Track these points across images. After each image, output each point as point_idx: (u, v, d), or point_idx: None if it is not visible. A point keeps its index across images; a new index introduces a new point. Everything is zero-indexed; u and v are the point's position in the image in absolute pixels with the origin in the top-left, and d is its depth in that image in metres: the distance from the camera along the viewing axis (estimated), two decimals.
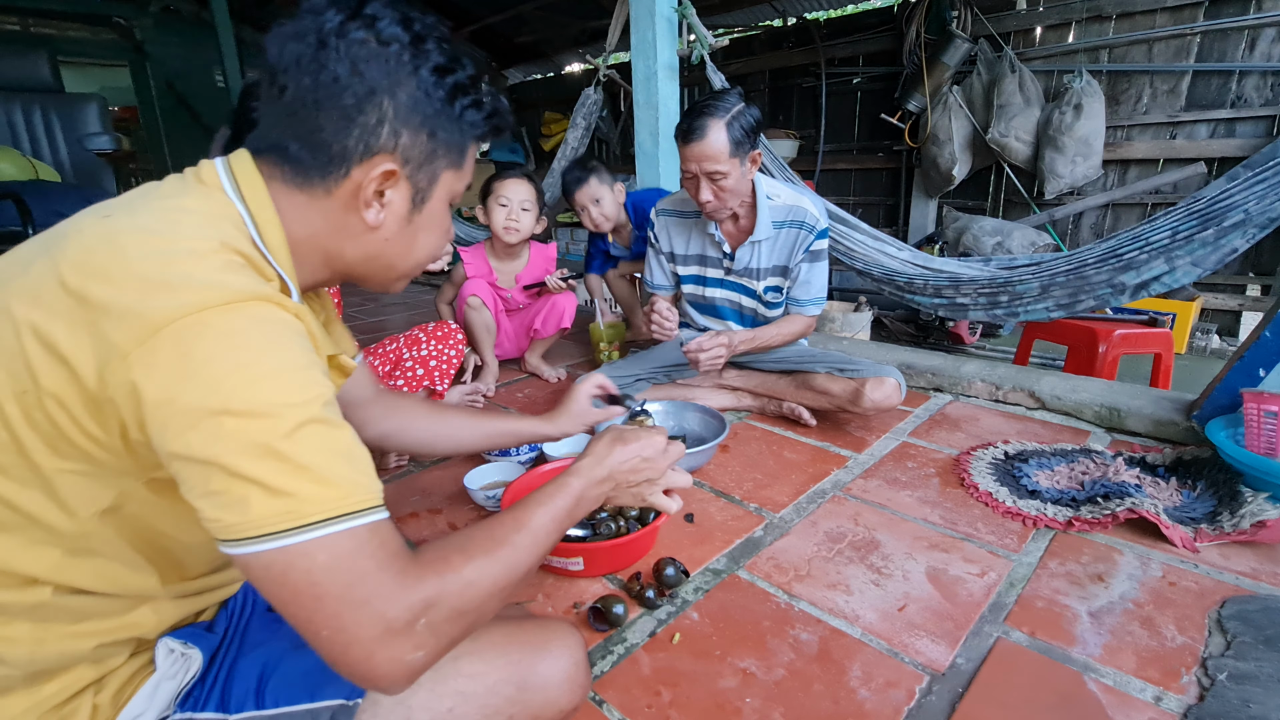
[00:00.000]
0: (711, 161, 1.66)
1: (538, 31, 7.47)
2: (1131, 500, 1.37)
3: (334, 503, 0.52)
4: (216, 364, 0.51)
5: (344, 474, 0.54)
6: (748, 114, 1.67)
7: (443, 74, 0.66)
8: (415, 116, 0.65)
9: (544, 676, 0.72)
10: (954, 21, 4.61)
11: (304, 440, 0.52)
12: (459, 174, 0.72)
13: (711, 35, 2.57)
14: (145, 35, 6.71)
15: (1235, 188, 1.80)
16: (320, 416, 0.54)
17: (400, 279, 0.75)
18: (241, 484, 0.50)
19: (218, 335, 0.51)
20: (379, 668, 0.53)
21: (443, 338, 1.98)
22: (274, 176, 0.65)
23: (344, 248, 0.69)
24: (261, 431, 0.51)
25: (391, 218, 0.68)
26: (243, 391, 0.51)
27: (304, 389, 0.54)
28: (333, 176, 0.64)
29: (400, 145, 0.65)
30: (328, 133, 0.63)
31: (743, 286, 1.96)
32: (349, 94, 0.62)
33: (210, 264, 0.55)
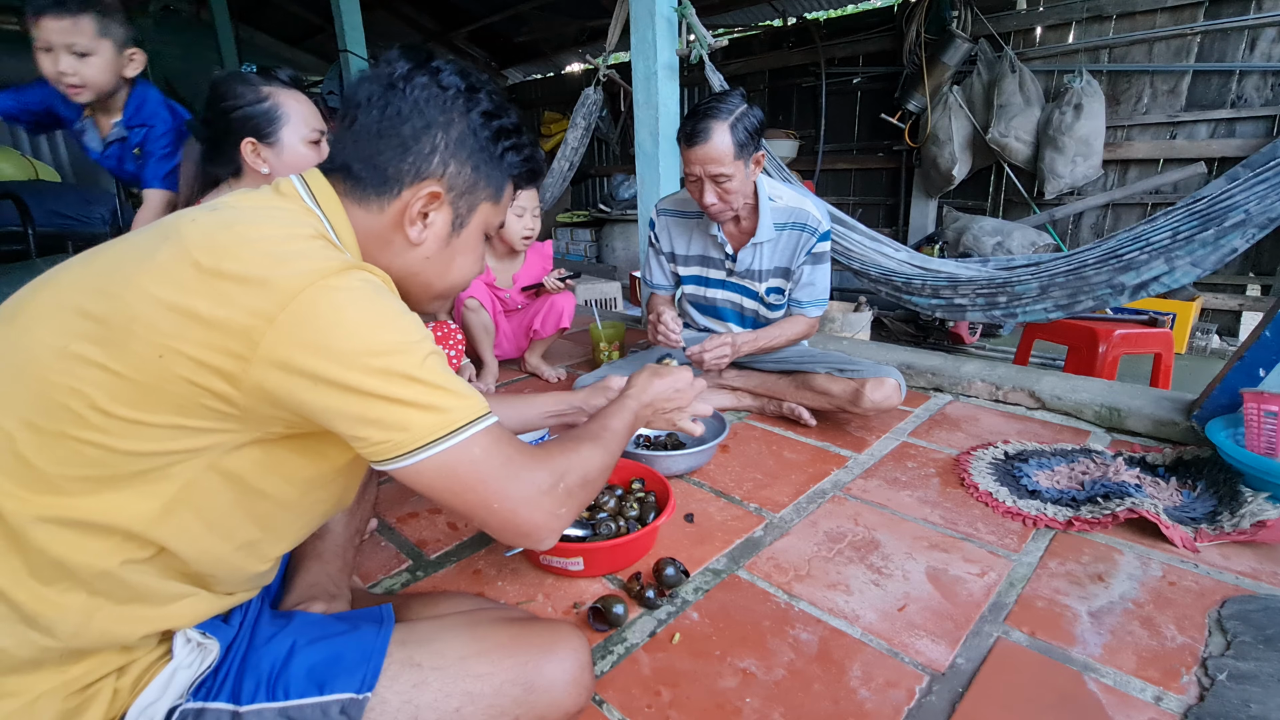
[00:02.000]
0: (716, 164, 1.66)
1: (537, 31, 7.47)
2: (1131, 500, 1.37)
3: (470, 410, 0.67)
4: (351, 318, 0.62)
5: (466, 388, 0.68)
6: (751, 115, 1.67)
7: (490, 118, 0.77)
8: (463, 150, 0.76)
9: (550, 678, 0.74)
10: (954, 21, 4.61)
11: (433, 366, 0.65)
12: (496, 208, 0.82)
13: (711, 35, 2.56)
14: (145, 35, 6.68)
15: (1235, 188, 1.80)
16: (434, 348, 0.67)
17: (437, 299, 0.84)
18: (399, 407, 0.62)
19: (345, 295, 0.62)
20: (540, 520, 0.70)
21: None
22: (341, 192, 0.75)
23: (391, 261, 0.77)
24: (403, 364, 0.63)
25: (432, 237, 0.77)
26: (379, 335, 0.63)
27: (417, 328, 0.67)
28: (387, 195, 0.74)
29: (448, 173, 0.75)
30: (386, 157, 0.73)
31: (744, 288, 1.96)
32: (408, 126, 0.73)
33: (315, 244, 0.66)
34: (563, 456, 0.76)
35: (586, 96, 3.66)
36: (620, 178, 6.75)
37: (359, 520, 1.07)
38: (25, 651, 0.59)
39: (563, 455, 0.76)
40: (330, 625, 0.77)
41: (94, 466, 0.59)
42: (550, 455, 0.75)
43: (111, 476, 0.59)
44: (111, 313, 0.59)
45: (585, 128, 3.76)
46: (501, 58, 8.49)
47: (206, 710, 0.66)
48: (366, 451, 0.64)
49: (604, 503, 1.36)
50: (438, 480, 0.65)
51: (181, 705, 0.66)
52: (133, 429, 0.59)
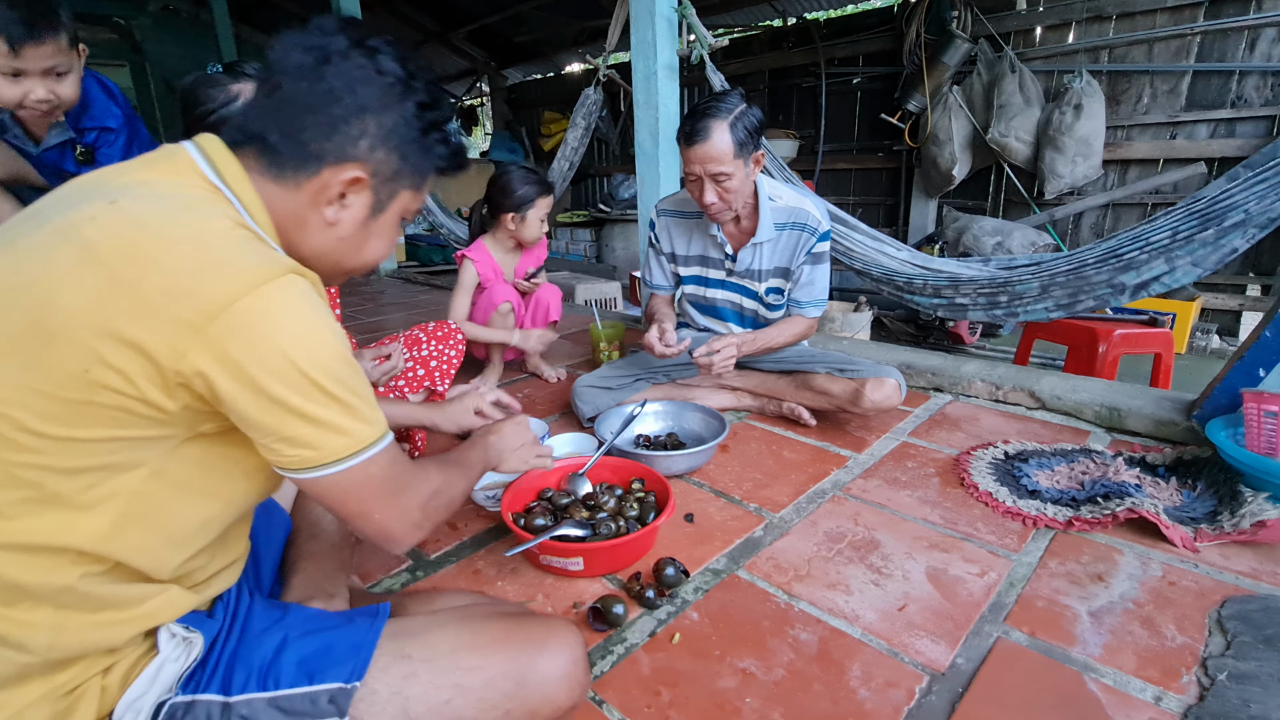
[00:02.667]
0: (715, 163, 1.65)
1: (537, 31, 7.47)
2: (1131, 500, 1.37)
3: (372, 433, 0.69)
4: (284, 332, 0.61)
5: (374, 409, 0.70)
6: (750, 115, 1.67)
7: (424, 109, 0.75)
8: (393, 139, 0.73)
9: (542, 673, 0.73)
10: (954, 21, 4.61)
11: (351, 384, 0.66)
12: (415, 195, 0.81)
13: (711, 35, 2.56)
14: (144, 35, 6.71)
15: (1235, 188, 1.80)
16: (352, 367, 0.67)
17: (342, 275, 0.83)
18: (313, 427, 0.64)
19: (278, 307, 0.61)
20: (405, 533, 0.76)
21: (443, 338, 1.98)
22: (249, 164, 0.71)
23: (303, 239, 0.75)
24: (326, 382, 0.64)
25: (349, 219, 0.75)
26: (308, 351, 0.62)
27: (340, 344, 0.66)
28: (305, 172, 0.71)
29: (374, 159, 0.73)
30: (310, 133, 0.70)
31: (744, 288, 1.96)
32: (340, 106, 0.70)
33: (240, 243, 0.63)
34: (438, 477, 0.83)
35: (586, 96, 3.66)
36: (620, 178, 6.75)
37: None
38: (6, 669, 0.59)
39: (438, 475, 0.83)
40: (325, 619, 0.77)
41: (32, 489, 0.58)
42: (428, 475, 0.80)
43: (53, 496, 0.58)
44: (26, 330, 0.56)
45: (585, 128, 3.76)
46: (501, 58, 8.50)
47: (197, 702, 0.67)
48: (272, 459, 0.65)
49: (604, 503, 1.36)
50: (330, 491, 0.68)
51: (171, 699, 0.66)
52: (67, 446, 0.58)
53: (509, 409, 1.31)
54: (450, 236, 4.63)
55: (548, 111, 8.16)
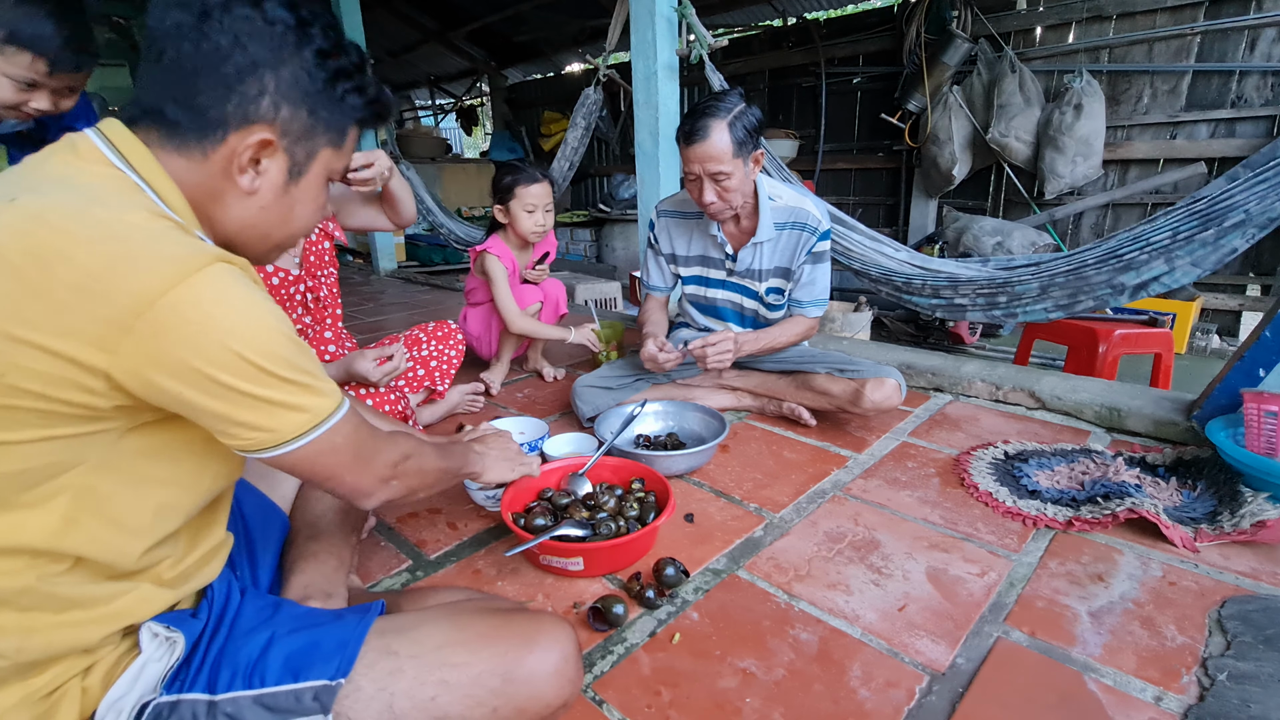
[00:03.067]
0: (715, 162, 1.66)
1: (537, 31, 7.47)
2: (1131, 500, 1.37)
3: (328, 404, 0.68)
4: (217, 320, 0.59)
5: (326, 381, 0.69)
6: (749, 114, 1.67)
7: (325, 57, 0.70)
8: (296, 93, 0.69)
9: (530, 670, 0.71)
10: (954, 21, 4.61)
11: (299, 363, 0.65)
12: (338, 153, 0.77)
13: (711, 35, 2.56)
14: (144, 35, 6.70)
15: (1235, 188, 1.80)
16: (297, 344, 0.66)
17: (276, 248, 0.79)
18: (267, 407, 0.63)
19: (210, 297, 0.58)
20: (375, 490, 0.78)
21: (443, 338, 1.98)
22: (152, 142, 0.67)
23: (224, 213, 0.71)
24: (270, 363, 0.62)
25: (268, 186, 0.71)
26: (247, 335, 0.60)
27: (282, 324, 0.64)
28: (209, 140, 0.67)
29: (280, 118, 0.69)
30: (205, 98, 0.65)
31: (744, 288, 1.96)
32: (230, 64, 0.65)
33: (159, 234, 0.60)
34: (408, 444, 0.84)
35: (586, 96, 3.66)
36: (620, 178, 6.75)
37: (354, 518, 1.07)
38: None
39: (408, 443, 0.84)
40: (314, 616, 0.77)
41: None
42: (396, 441, 0.81)
43: None
44: None
45: (585, 128, 3.76)
46: (501, 58, 8.50)
47: (182, 701, 0.66)
48: (231, 444, 0.64)
49: (604, 503, 1.36)
50: (299, 464, 0.69)
51: (155, 699, 0.66)
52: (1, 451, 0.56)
53: None
54: (450, 236, 4.63)
55: (548, 111, 8.16)
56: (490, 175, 2.23)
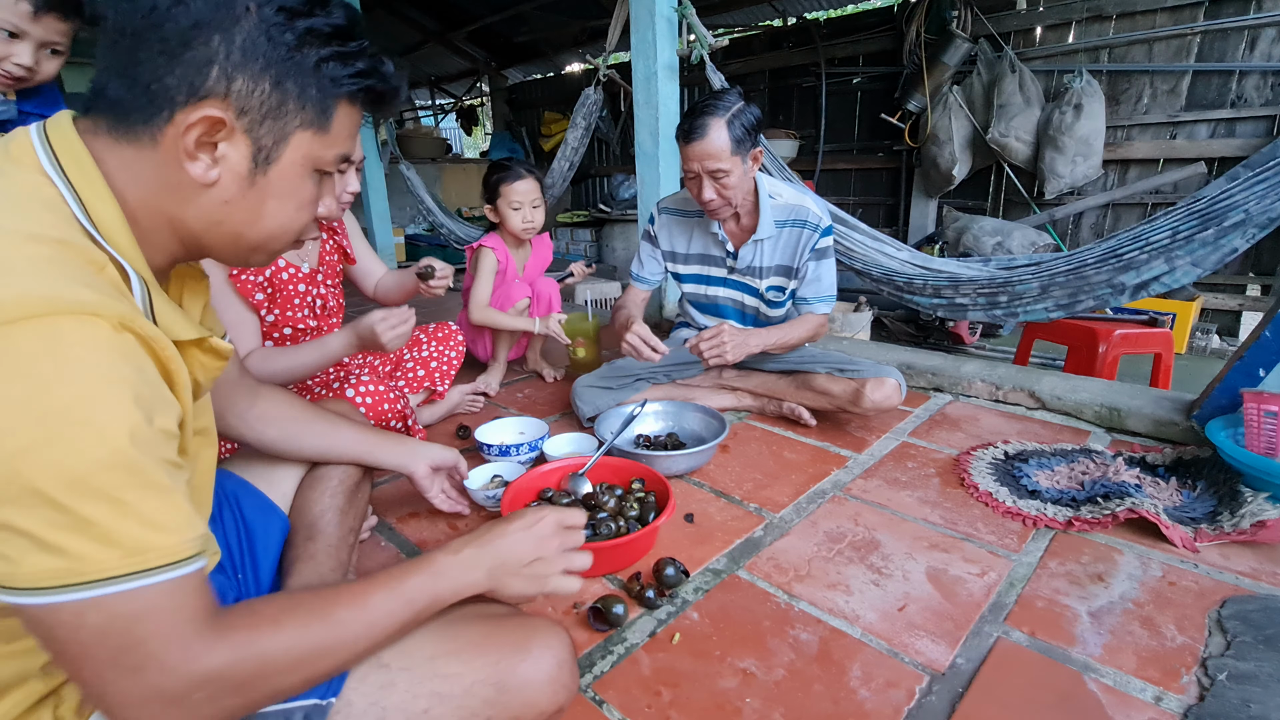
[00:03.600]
0: (714, 160, 1.66)
1: (538, 31, 7.47)
2: (1131, 500, 1.37)
3: (114, 563, 0.47)
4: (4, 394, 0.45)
5: (134, 530, 0.48)
6: (748, 112, 1.68)
7: (291, 16, 0.58)
8: (254, 61, 0.57)
9: (524, 678, 0.69)
10: (954, 21, 4.61)
11: (87, 489, 0.47)
12: (324, 138, 0.63)
13: (711, 35, 2.56)
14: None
15: (1235, 188, 1.80)
16: (117, 459, 0.48)
17: (255, 251, 0.67)
18: (9, 534, 0.45)
19: (14, 358, 0.46)
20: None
21: (444, 339, 1.98)
22: (98, 131, 0.58)
23: (183, 211, 0.61)
24: (40, 477, 0.45)
25: (229, 176, 0.60)
26: (23, 431, 0.45)
27: (101, 427, 0.47)
28: (155, 122, 0.56)
29: (233, 91, 0.57)
30: (145, 68, 0.55)
31: (746, 285, 1.97)
32: (169, 26, 0.54)
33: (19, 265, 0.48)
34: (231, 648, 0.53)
35: (586, 96, 3.66)
36: (620, 178, 6.75)
37: (353, 519, 1.07)
38: None
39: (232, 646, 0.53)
40: None
41: None
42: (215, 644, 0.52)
43: None
44: None
45: (585, 128, 3.76)
46: (501, 58, 8.50)
47: None
48: None
49: (604, 503, 1.36)
50: (32, 627, 0.49)
51: None
52: None
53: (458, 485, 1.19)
54: (450, 236, 4.63)
55: (548, 111, 8.16)
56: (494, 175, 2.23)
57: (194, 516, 0.53)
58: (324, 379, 1.70)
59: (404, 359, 1.93)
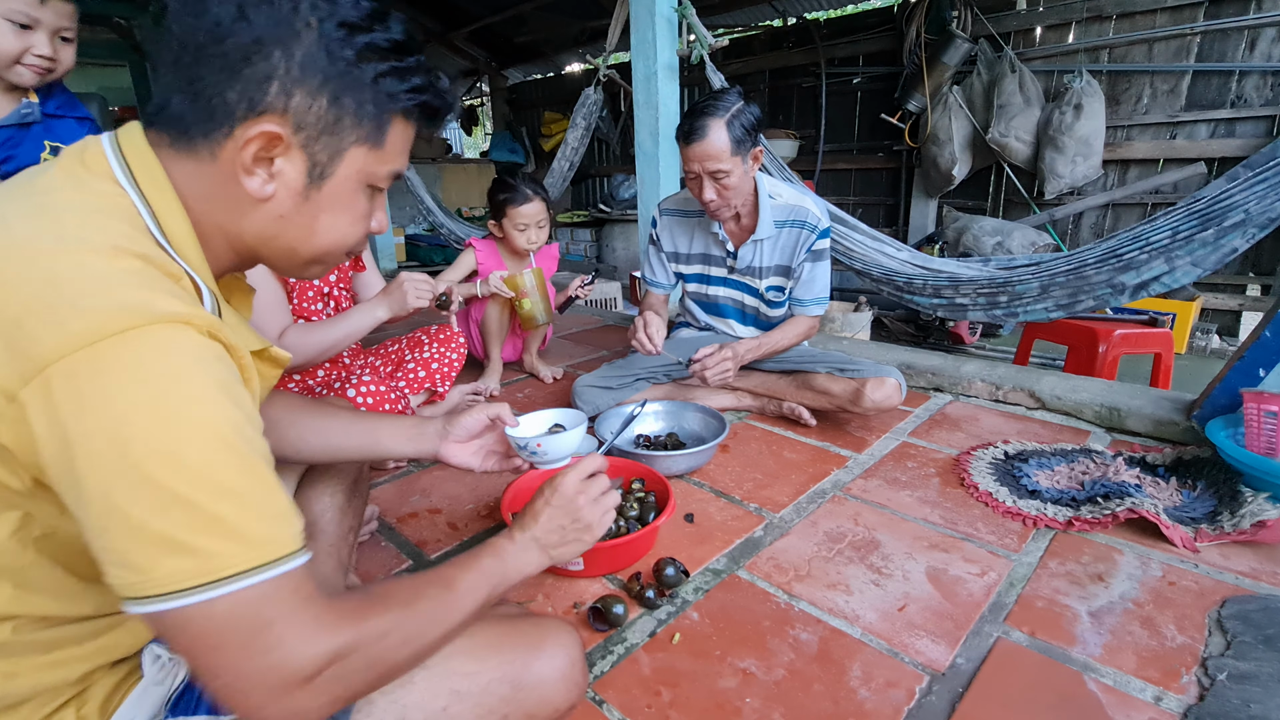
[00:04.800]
0: (714, 160, 1.67)
1: (538, 31, 7.47)
2: (1131, 500, 1.37)
3: (243, 557, 0.49)
4: (116, 404, 0.46)
5: (256, 524, 0.50)
6: (748, 112, 1.68)
7: (352, 31, 0.58)
8: (313, 76, 0.57)
9: (539, 676, 0.71)
10: (954, 21, 4.61)
11: (213, 486, 0.48)
12: (378, 154, 0.63)
13: (711, 35, 2.56)
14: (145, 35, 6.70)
15: (1235, 188, 1.80)
16: (233, 455, 0.50)
17: (310, 265, 0.68)
18: (143, 540, 0.46)
19: (116, 371, 0.46)
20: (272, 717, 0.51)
21: (445, 340, 1.98)
22: (163, 143, 0.59)
23: (240, 225, 0.62)
24: (174, 477, 0.47)
25: (284, 191, 0.60)
26: (146, 436, 0.46)
27: (215, 426, 0.49)
28: (215, 136, 0.57)
29: (291, 107, 0.57)
30: (207, 83, 0.56)
31: (745, 285, 1.97)
32: (231, 41, 0.55)
33: (101, 279, 0.49)
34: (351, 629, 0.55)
35: (586, 96, 3.66)
36: (620, 178, 6.75)
37: (352, 517, 1.07)
38: None
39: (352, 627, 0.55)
40: None
41: None
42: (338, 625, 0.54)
43: None
44: None
45: (585, 128, 3.76)
46: (502, 58, 8.50)
47: None
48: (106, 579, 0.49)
49: None
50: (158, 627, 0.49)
51: None
52: None
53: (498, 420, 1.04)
54: (450, 237, 4.63)
55: (548, 111, 8.16)
56: (490, 175, 2.24)
57: (296, 510, 0.55)
58: (325, 379, 1.71)
59: (405, 360, 1.93)
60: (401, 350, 1.95)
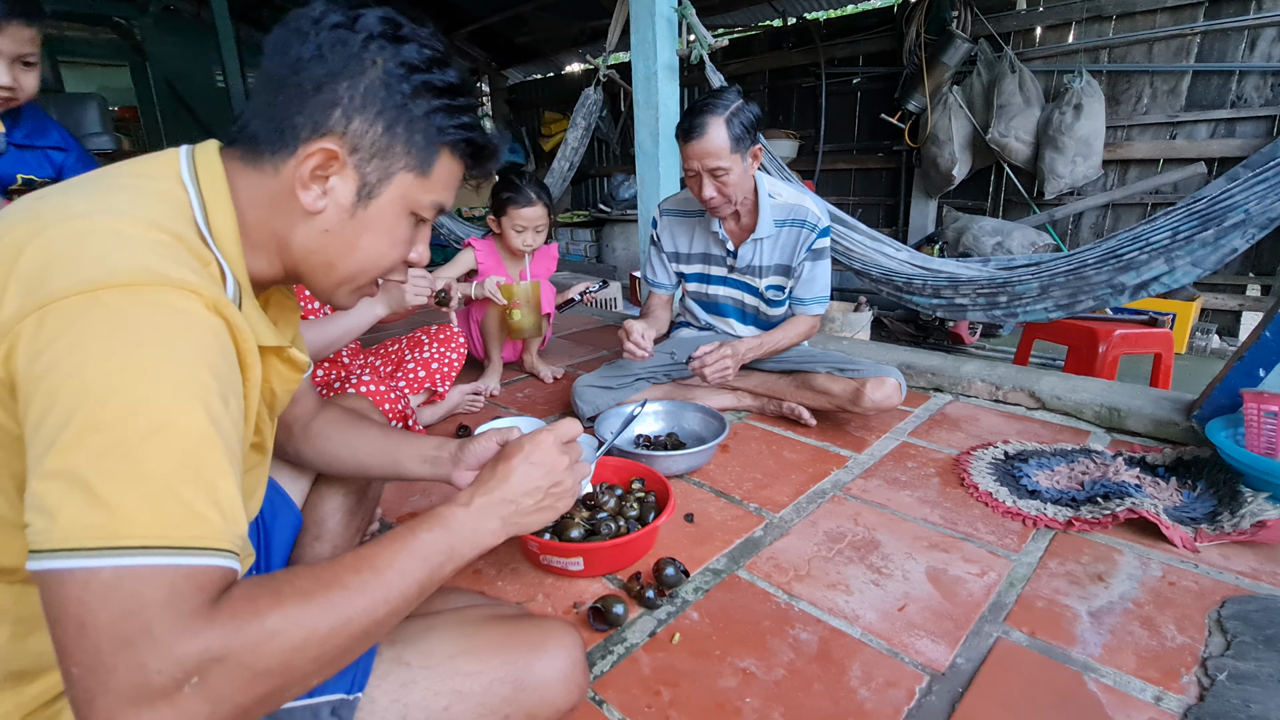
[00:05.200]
0: (713, 158, 1.67)
1: (538, 31, 7.47)
2: (1131, 500, 1.37)
3: (153, 529, 0.45)
4: (91, 345, 0.47)
5: (185, 500, 0.47)
6: (747, 110, 1.69)
7: (411, 70, 0.65)
8: (372, 105, 0.64)
9: (540, 676, 0.72)
10: (954, 21, 4.61)
11: (156, 445, 0.46)
12: (423, 182, 0.69)
13: (711, 35, 2.57)
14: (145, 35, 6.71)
15: (1235, 188, 1.80)
16: (189, 423, 0.48)
17: (342, 284, 0.71)
18: (65, 482, 0.44)
19: (105, 315, 0.48)
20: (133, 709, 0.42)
21: (445, 340, 1.99)
22: (233, 156, 0.66)
23: (290, 234, 0.67)
24: (112, 424, 0.45)
25: (334, 207, 0.66)
26: (109, 378, 0.46)
27: (182, 390, 0.48)
28: (282, 153, 0.64)
29: (350, 130, 0.64)
30: (281, 109, 0.64)
31: (745, 284, 1.97)
32: (306, 74, 0.63)
33: (127, 243, 0.52)
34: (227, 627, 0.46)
35: (586, 96, 3.66)
36: (620, 178, 6.75)
37: (360, 520, 1.07)
38: None
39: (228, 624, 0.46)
40: None
41: None
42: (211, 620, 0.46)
43: None
44: None
45: (585, 128, 3.76)
46: (501, 58, 8.49)
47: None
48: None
49: (604, 503, 1.36)
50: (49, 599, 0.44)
51: None
52: None
53: None
54: (450, 236, 4.63)
55: (548, 111, 8.16)
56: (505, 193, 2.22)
57: (241, 513, 0.51)
58: (325, 379, 1.71)
59: (405, 359, 1.93)
60: (401, 350, 1.95)
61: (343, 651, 0.53)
